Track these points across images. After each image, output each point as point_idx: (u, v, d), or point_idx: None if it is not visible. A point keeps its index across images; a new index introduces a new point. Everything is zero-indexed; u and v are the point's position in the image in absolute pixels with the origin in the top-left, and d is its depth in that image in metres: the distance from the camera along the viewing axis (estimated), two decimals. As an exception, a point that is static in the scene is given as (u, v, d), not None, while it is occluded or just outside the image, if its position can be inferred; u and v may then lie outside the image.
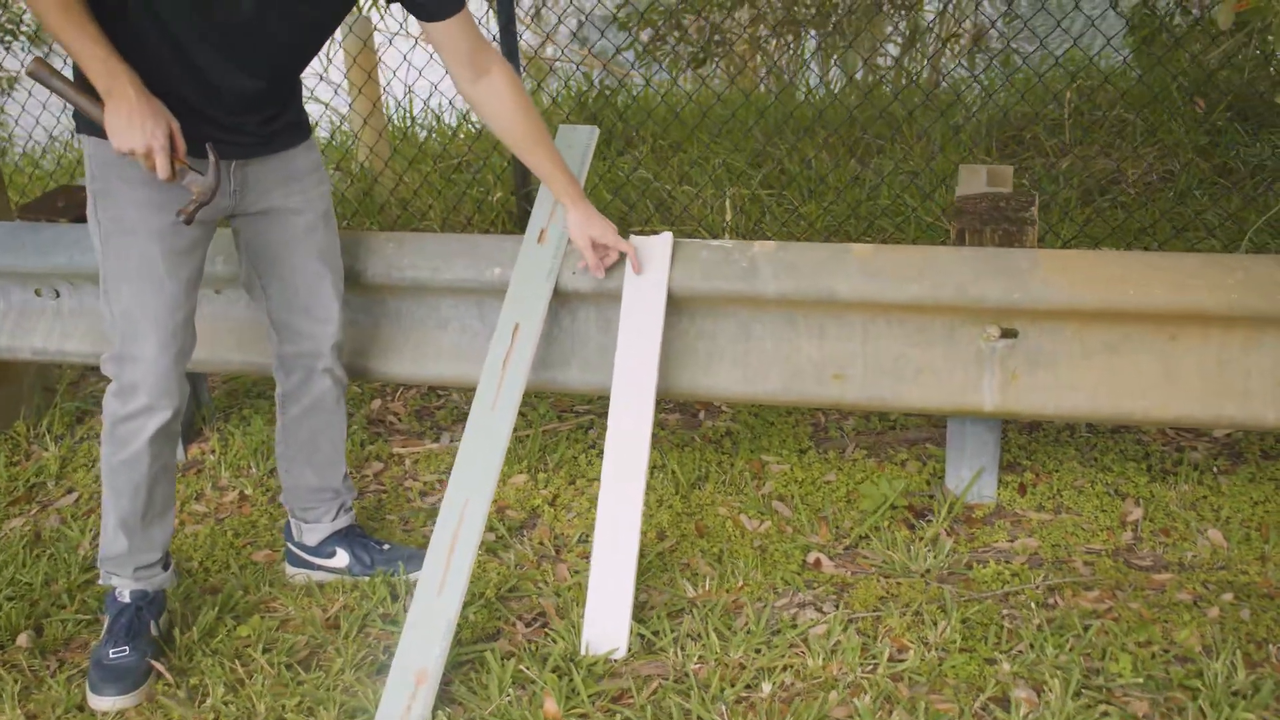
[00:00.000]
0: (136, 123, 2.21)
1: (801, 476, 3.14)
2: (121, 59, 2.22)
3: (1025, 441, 3.19)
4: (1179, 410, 2.58)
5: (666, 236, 2.73)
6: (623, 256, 2.72)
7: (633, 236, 2.72)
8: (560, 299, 2.80)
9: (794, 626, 2.54)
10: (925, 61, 6.68)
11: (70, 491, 3.42)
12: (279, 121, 2.53)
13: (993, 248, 2.61)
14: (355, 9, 2.63)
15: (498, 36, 3.96)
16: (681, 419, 3.50)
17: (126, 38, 2.26)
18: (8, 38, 8.68)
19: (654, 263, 2.71)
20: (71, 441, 3.68)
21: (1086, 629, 2.44)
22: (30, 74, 2.34)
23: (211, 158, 2.33)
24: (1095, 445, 3.15)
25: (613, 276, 2.73)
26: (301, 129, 2.62)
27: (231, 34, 2.31)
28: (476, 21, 2.55)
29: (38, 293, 3.25)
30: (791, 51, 7.00)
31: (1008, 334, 2.64)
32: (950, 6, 6.85)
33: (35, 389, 3.84)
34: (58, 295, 3.23)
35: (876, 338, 2.71)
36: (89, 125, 2.37)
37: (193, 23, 2.28)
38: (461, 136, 5.76)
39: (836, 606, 2.60)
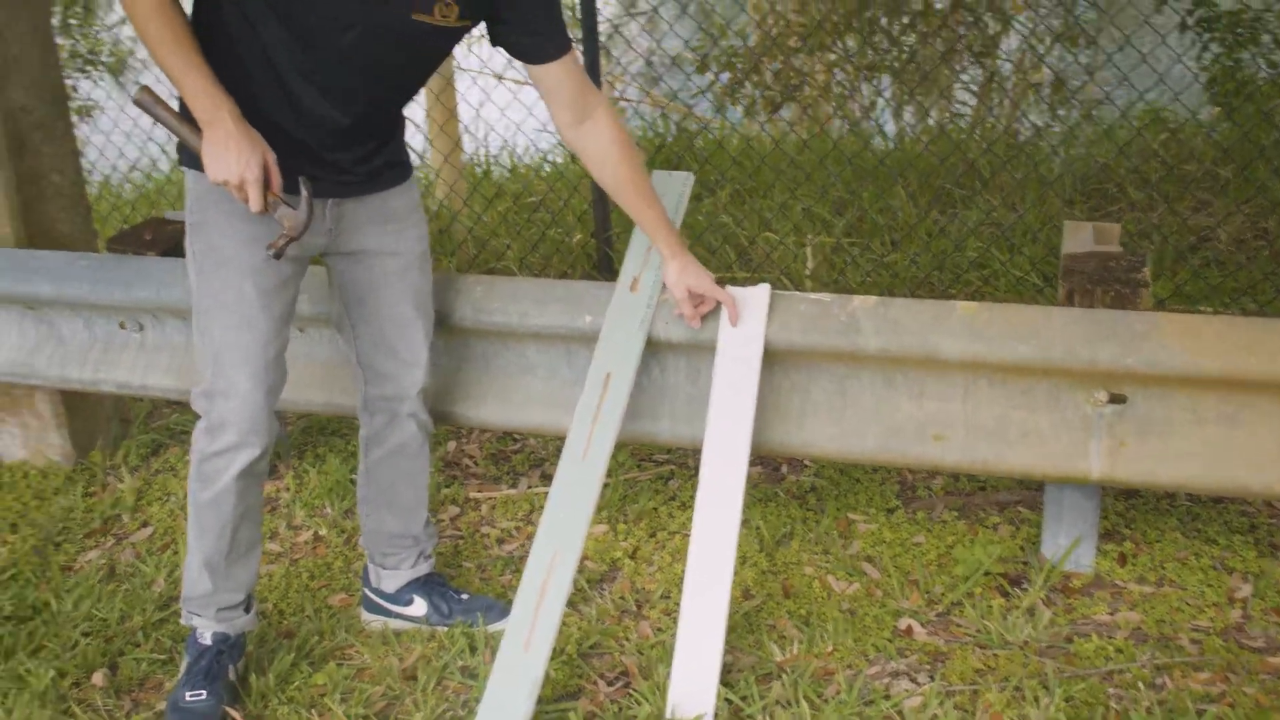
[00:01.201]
0: (233, 152, 2.18)
1: (890, 537, 3.04)
2: (223, 90, 2.20)
3: (1124, 509, 3.07)
4: (1296, 486, 2.47)
5: (764, 288, 2.66)
6: (719, 306, 2.65)
7: (729, 287, 2.65)
8: (651, 349, 2.73)
9: (888, 698, 2.44)
10: (1003, 110, 6.60)
11: (145, 525, 3.39)
12: (378, 159, 2.49)
13: (1107, 309, 2.52)
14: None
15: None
16: (764, 472, 3.42)
17: (232, 68, 2.24)
18: (88, 67, 8.86)
19: (750, 315, 2.64)
20: (147, 474, 3.66)
21: (1200, 715, 2.32)
22: (136, 102, 2.32)
23: (304, 192, 2.29)
24: (1198, 515, 3.03)
25: (706, 327, 2.67)
26: (402, 169, 2.58)
27: (332, 69, 2.28)
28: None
29: (122, 326, 3.23)
30: (865, 97, 6.95)
31: (1116, 399, 2.54)
32: (1026, 54, 6.76)
33: (113, 420, 3.83)
34: (141, 329, 3.21)
35: (978, 398, 2.62)
36: (190, 158, 2.35)
37: (295, 56, 2.25)
38: (534, 176, 5.75)
39: (931, 678, 2.50)
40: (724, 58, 6.33)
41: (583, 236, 4.63)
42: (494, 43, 2.45)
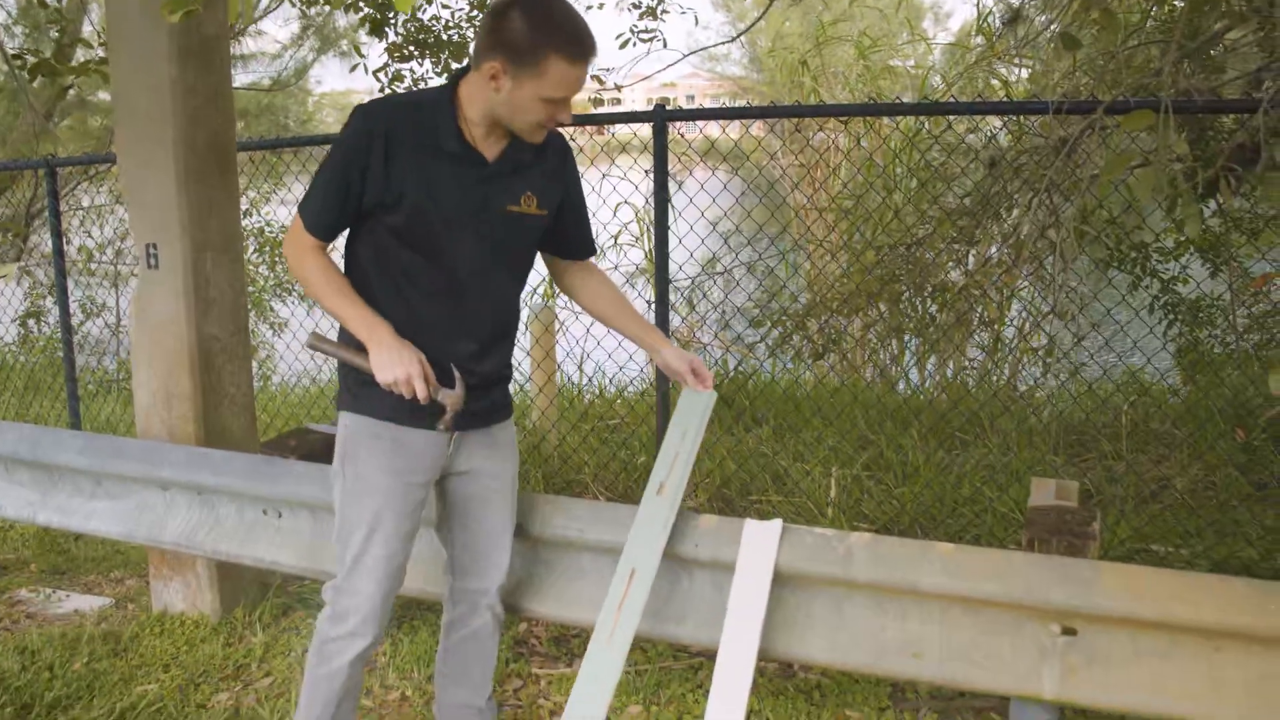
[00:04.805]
0: (396, 358, 2.29)
1: (880, 735, 2.96)
2: (378, 314, 2.34)
3: (1083, 725, 2.96)
4: (1225, 718, 2.37)
5: (777, 523, 2.67)
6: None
7: (748, 521, 2.67)
8: (681, 564, 2.75)
9: None
10: (1003, 368, 6.63)
11: (268, 675, 3.42)
12: (495, 394, 2.59)
13: (1059, 557, 2.49)
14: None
15: (652, 304, 4.04)
16: (779, 668, 3.36)
17: (377, 303, 2.38)
18: (283, 292, 9.47)
19: (765, 543, 2.65)
20: (276, 631, 3.71)
21: None
22: (309, 345, 2.47)
23: (456, 374, 2.40)
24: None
25: (727, 550, 2.68)
26: (507, 409, 2.67)
27: (454, 276, 2.40)
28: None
29: (265, 512, 3.34)
30: (894, 353, 7.04)
31: (1068, 632, 2.49)
32: (1028, 324, 6.83)
33: (254, 583, 3.91)
34: (279, 516, 3.31)
35: (953, 624, 2.58)
36: (346, 402, 2.49)
37: (424, 275, 2.39)
38: (618, 403, 5.87)
39: None
40: (776, 315, 6.49)
41: (646, 459, 4.69)
42: (543, 248, 2.60)
